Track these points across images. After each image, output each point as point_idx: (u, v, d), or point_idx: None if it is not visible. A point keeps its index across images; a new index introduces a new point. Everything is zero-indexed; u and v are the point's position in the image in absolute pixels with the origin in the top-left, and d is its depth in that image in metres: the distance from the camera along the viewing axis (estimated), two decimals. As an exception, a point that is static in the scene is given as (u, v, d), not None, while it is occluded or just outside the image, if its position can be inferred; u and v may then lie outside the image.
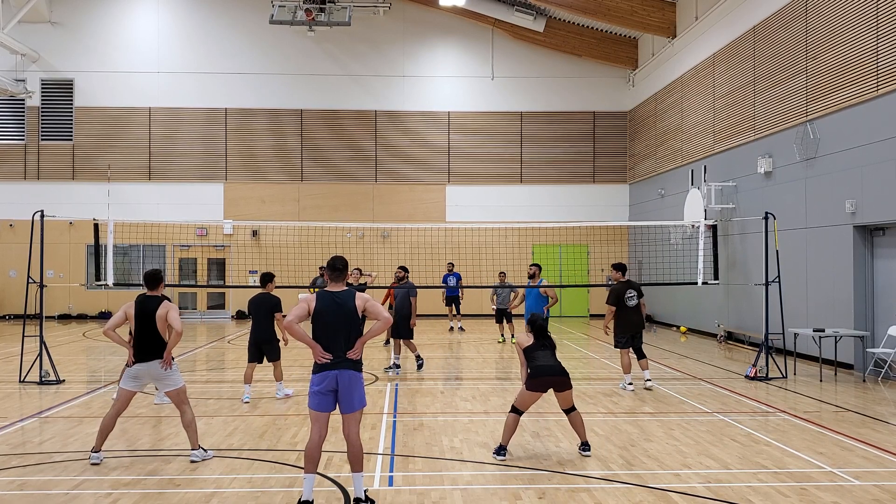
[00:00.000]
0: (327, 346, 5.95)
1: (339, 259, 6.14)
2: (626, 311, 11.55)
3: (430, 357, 15.60)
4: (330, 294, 6.04)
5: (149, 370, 7.37)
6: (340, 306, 5.97)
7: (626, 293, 11.55)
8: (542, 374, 7.58)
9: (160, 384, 7.54)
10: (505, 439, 7.66)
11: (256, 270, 24.40)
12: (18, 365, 12.47)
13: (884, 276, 13.06)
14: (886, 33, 12.51)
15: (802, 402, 10.69)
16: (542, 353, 7.72)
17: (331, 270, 6.10)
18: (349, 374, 5.97)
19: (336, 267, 6.09)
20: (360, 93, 26.17)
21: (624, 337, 11.58)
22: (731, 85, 18.27)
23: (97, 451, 7.36)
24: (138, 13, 26.02)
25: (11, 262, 24.76)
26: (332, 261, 6.13)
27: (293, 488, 6.64)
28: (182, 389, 7.49)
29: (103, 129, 25.74)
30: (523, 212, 25.67)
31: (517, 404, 7.70)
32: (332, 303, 5.98)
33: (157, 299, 7.50)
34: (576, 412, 7.79)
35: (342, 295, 6.03)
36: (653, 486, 6.67)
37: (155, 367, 7.35)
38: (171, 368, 7.40)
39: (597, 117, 26.48)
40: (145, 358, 7.35)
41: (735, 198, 17.87)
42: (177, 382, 7.45)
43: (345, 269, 6.11)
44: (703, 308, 19.92)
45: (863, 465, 7.38)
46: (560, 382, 7.62)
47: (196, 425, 7.55)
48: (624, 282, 11.70)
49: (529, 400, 7.68)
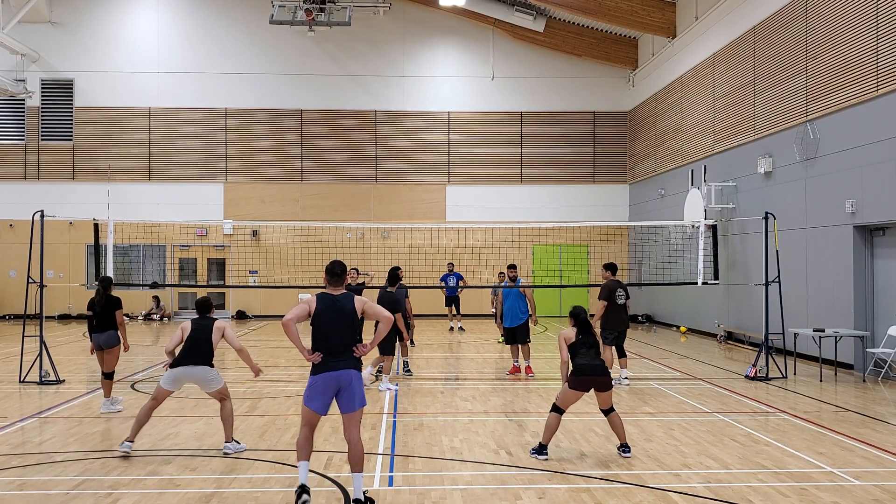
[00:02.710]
0: (327, 347, 6.06)
1: (337, 264, 6.34)
2: (615, 308, 11.84)
3: (431, 357, 15.61)
4: (330, 297, 6.20)
5: (192, 373, 7.77)
6: (340, 309, 6.13)
7: (617, 291, 11.85)
8: (585, 373, 7.46)
9: (205, 386, 7.88)
10: (546, 438, 7.56)
11: (256, 270, 24.42)
12: (18, 365, 12.47)
13: (884, 276, 13.06)
14: (886, 33, 12.51)
15: (802, 402, 10.69)
16: (586, 352, 7.58)
17: (330, 275, 6.28)
18: (350, 373, 6.09)
19: (335, 272, 6.28)
20: (359, 93, 26.17)
21: (612, 334, 11.82)
22: (731, 85, 18.27)
23: (131, 441, 7.67)
24: (138, 13, 26.02)
25: (11, 262, 24.76)
26: (330, 265, 6.33)
27: (293, 488, 6.63)
28: (223, 388, 7.90)
29: (103, 129, 25.74)
30: (523, 212, 25.66)
31: (559, 403, 7.58)
32: (332, 305, 6.14)
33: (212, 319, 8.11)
34: (615, 413, 7.64)
35: (341, 298, 6.20)
36: (653, 486, 6.68)
37: (199, 371, 7.74)
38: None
39: (597, 117, 26.48)
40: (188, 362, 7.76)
41: (735, 198, 17.87)
42: (219, 384, 7.88)
43: (343, 273, 6.33)
44: (703, 308, 19.92)
45: (863, 465, 7.38)
46: (602, 382, 7.51)
47: (233, 420, 7.91)
48: (615, 280, 12.03)
49: (572, 398, 7.56)
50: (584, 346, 7.62)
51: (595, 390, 7.56)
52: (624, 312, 11.97)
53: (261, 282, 23.93)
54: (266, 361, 14.44)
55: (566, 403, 7.60)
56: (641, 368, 13.95)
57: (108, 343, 9.90)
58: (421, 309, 16.89)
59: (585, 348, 7.61)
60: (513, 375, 13.00)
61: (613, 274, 12.12)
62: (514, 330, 13.17)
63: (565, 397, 7.58)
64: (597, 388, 7.53)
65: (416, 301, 16.04)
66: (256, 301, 25.93)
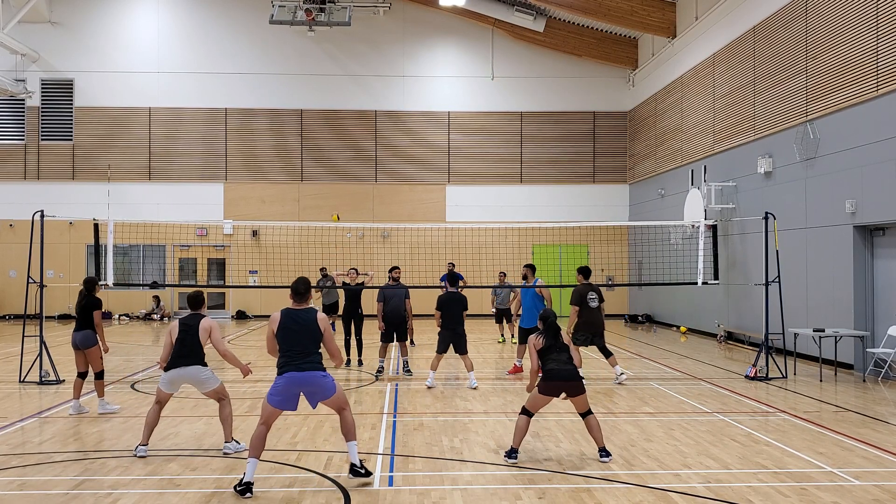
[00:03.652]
0: (288, 351, 6.61)
1: (301, 282, 6.84)
2: (587, 311, 12.16)
3: (431, 357, 15.58)
4: (293, 311, 6.75)
5: (185, 374, 7.76)
6: (300, 321, 6.69)
7: (588, 294, 12.22)
8: (554, 378, 7.44)
9: (200, 387, 7.86)
10: (516, 442, 7.54)
11: (256, 270, 24.42)
12: (18, 365, 12.48)
13: (884, 276, 13.06)
14: (886, 33, 12.51)
15: (802, 402, 10.69)
16: (557, 356, 7.55)
17: (294, 293, 6.81)
18: (311, 374, 6.58)
19: (298, 291, 6.81)
20: (360, 93, 26.17)
21: (583, 336, 12.12)
22: (731, 85, 18.27)
23: (144, 445, 7.70)
24: (138, 13, 26.02)
25: (11, 262, 24.77)
26: (294, 284, 6.85)
27: (293, 488, 6.65)
28: (220, 388, 7.86)
29: (103, 129, 25.74)
30: (523, 212, 25.66)
31: (528, 406, 7.57)
32: (293, 320, 6.69)
33: (200, 316, 7.97)
34: (592, 416, 7.59)
35: (302, 313, 6.74)
36: (653, 486, 6.68)
37: (192, 371, 7.74)
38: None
39: (597, 117, 26.48)
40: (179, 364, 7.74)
41: (735, 198, 17.87)
42: (214, 384, 7.83)
43: (307, 291, 6.83)
44: (703, 308, 19.92)
45: (863, 465, 7.38)
46: (573, 387, 7.46)
47: (232, 420, 7.92)
48: (586, 284, 12.44)
49: (541, 403, 7.55)
50: (555, 351, 7.58)
51: (567, 395, 7.52)
52: (598, 314, 12.27)
53: (261, 282, 23.92)
54: (266, 362, 14.42)
55: (535, 407, 7.59)
56: (641, 368, 13.95)
57: (84, 343, 9.88)
58: (421, 309, 16.89)
59: (556, 352, 7.57)
60: (513, 375, 12.99)
61: (586, 278, 12.53)
62: (528, 331, 12.97)
63: (535, 402, 7.55)
64: (568, 393, 7.50)
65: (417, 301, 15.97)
66: (256, 301, 25.94)
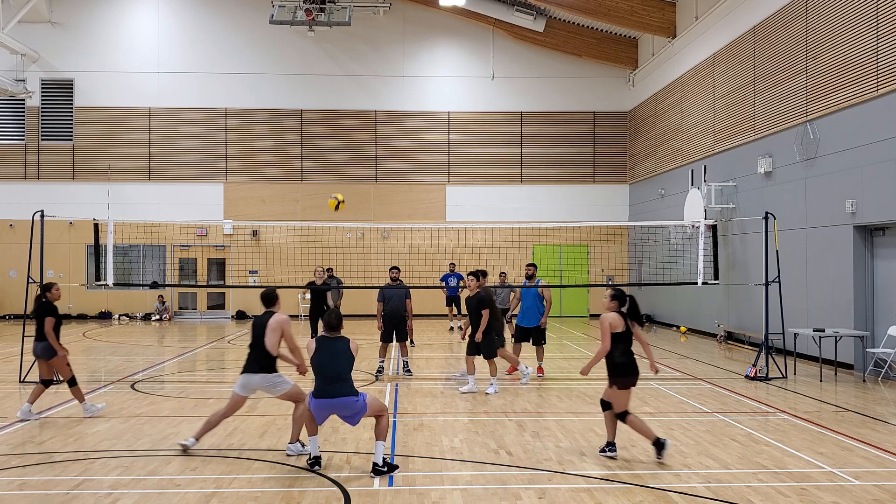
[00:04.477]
0: (320, 376, 7.05)
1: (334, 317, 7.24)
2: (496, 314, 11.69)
3: (431, 357, 15.61)
4: (328, 340, 7.18)
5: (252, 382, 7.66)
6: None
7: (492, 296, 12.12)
8: (632, 373, 7.44)
9: (271, 392, 7.76)
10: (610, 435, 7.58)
11: (256, 270, 24.42)
12: (18, 365, 12.49)
13: (884, 276, 13.06)
14: (886, 33, 12.51)
15: (802, 402, 10.69)
16: (623, 347, 7.44)
17: (327, 327, 7.22)
18: (342, 400, 6.98)
19: (332, 325, 7.21)
20: (359, 93, 26.17)
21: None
22: (731, 85, 18.27)
23: (197, 438, 7.76)
24: (138, 13, 26.03)
25: (11, 262, 24.77)
26: (327, 318, 7.24)
27: (293, 488, 6.65)
28: (292, 391, 7.74)
29: (103, 129, 25.74)
30: (523, 212, 25.66)
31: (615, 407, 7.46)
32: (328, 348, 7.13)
33: (271, 314, 7.83)
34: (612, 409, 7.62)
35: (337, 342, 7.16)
36: (653, 486, 6.68)
37: (257, 380, 7.63)
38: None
39: (597, 117, 26.48)
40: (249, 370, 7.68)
41: (735, 198, 17.87)
42: (285, 388, 7.72)
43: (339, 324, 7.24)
44: (703, 308, 19.92)
45: (863, 465, 7.38)
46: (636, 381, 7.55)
47: (302, 423, 7.67)
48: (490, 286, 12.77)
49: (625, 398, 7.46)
50: (626, 340, 7.50)
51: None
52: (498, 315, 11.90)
53: (261, 282, 23.91)
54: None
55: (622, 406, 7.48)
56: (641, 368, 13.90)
57: (46, 354, 9.40)
58: (421, 309, 16.88)
59: (623, 342, 7.47)
60: (512, 375, 12.97)
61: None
62: (529, 330, 12.93)
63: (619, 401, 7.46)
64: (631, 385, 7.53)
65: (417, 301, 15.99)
66: (256, 301, 25.64)
